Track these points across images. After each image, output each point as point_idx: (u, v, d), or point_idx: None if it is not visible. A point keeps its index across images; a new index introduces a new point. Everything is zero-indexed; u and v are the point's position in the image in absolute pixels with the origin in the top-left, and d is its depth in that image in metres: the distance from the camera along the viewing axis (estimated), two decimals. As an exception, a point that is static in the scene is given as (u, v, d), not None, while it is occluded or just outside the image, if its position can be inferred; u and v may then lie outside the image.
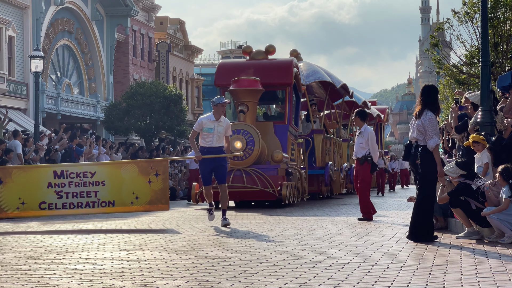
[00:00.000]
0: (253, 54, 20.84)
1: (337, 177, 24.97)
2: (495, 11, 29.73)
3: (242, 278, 6.17)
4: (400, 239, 9.72)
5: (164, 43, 53.39)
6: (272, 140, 19.50)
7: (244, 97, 18.80)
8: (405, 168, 38.91)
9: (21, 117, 35.34)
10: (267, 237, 9.95)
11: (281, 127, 19.90)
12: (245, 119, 18.76)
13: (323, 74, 23.94)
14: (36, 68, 27.17)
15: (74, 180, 12.65)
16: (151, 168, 12.66)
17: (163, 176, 12.65)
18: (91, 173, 12.72)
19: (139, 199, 12.62)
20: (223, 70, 20.54)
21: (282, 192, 18.39)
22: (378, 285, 5.79)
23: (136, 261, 7.45)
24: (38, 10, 37.80)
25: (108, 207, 12.74)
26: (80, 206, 12.65)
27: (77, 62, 43.89)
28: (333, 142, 25.89)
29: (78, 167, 13.34)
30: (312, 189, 23.24)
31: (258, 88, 18.89)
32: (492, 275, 6.32)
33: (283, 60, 21.03)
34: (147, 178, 12.59)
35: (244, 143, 18.22)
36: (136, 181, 12.65)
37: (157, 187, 12.59)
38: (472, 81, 31.83)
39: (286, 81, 20.03)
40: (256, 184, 18.34)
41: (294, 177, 20.25)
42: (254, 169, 18.49)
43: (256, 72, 19.45)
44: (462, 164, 9.82)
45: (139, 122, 38.65)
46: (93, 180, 12.67)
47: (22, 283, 6.12)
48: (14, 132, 21.92)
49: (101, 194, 12.66)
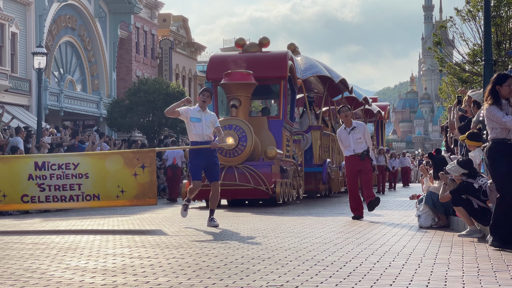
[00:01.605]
0: (247, 46, 20.19)
1: (335, 175, 24.32)
2: (498, 10, 29.72)
3: (244, 275, 6.18)
4: (402, 237, 9.72)
5: (167, 40, 53.37)
6: (266, 136, 18.88)
7: (236, 91, 18.06)
8: (406, 166, 38.60)
9: (23, 114, 35.36)
10: (269, 235, 9.96)
11: (276, 123, 19.27)
12: (237, 114, 18.06)
13: (321, 68, 23.24)
14: (39, 65, 27.16)
15: (56, 172, 11.87)
16: (137, 159, 11.81)
17: (150, 168, 11.79)
18: (74, 165, 11.92)
19: (125, 193, 11.83)
20: (215, 63, 19.82)
21: (276, 190, 17.79)
22: (380, 283, 5.79)
23: (138, 258, 7.46)
24: (41, 7, 37.82)
25: (93, 201, 11.96)
26: (63, 199, 11.92)
27: (80, 59, 43.90)
28: (331, 139, 25.28)
29: (60, 158, 12.45)
30: (309, 187, 22.72)
31: (251, 81, 18.22)
32: (494, 273, 6.32)
33: (277, 53, 20.25)
34: (132, 171, 11.77)
35: (236, 139, 17.49)
36: (121, 174, 11.85)
37: (143, 180, 11.76)
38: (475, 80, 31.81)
39: (280, 74, 19.32)
40: (248, 181, 17.66)
41: (289, 174, 19.63)
42: (246, 166, 17.82)
43: (249, 65, 18.80)
44: (463, 163, 9.82)
45: (142, 119, 38.67)
46: (76, 172, 11.87)
47: (24, 279, 6.12)
48: (16, 129, 21.95)
49: (85, 187, 11.87)
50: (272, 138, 18.91)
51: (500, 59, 28.23)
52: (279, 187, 17.86)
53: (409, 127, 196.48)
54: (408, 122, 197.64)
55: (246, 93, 18.30)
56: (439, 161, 11.65)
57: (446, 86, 45.77)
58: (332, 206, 18.11)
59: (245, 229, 11.02)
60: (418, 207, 11.92)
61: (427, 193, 11.74)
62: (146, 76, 47.94)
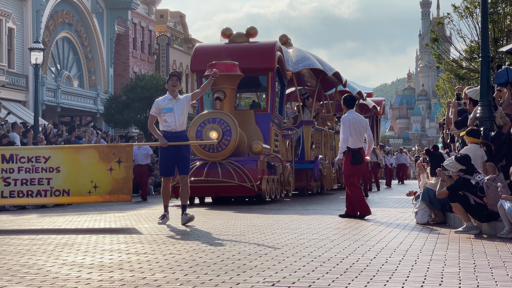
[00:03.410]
0: (233, 37, 19.23)
1: (328, 172, 23.14)
2: (496, 6, 29.79)
3: (240, 272, 6.18)
4: (398, 233, 9.73)
5: (164, 36, 53.33)
6: (253, 130, 17.97)
7: (221, 83, 16.81)
8: (402, 163, 37.89)
9: (20, 109, 35.33)
10: (266, 231, 9.96)
11: (263, 116, 18.36)
12: (222, 107, 17.08)
13: (313, 61, 22.18)
14: (36, 60, 27.13)
15: (24, 166, 11.23)
16: (113, 154, 11.22)
17: (127, 163, 11.20)
18: (44, 158, 11.28)
19: (98, 189, 11.19)
20: (200, 54, 18.77)
21: (262, 186, 16.83)
22: (376, 279, 5.80)
23: (135, 254, 7.46)
24: (38, 2, 37.78)
25: (63, 197, 11.35)
26: (30, 195, 11.26)
27: (77, 55, 43.86)
28: (324, 134, 24.38)
29: (30, 150, 11.80)
30: (300, 184, 21.79)
31: (236, 73, 17.27)
32: (490, 270, 6.33)
33: (265, 43, 19.19)
34: (108, 166, 11.17)
35: (220, 133, 16.55)
36: (95, 168, 11.22)
37: (119, 176, 11.16)
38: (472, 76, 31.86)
39: (268, 65, 18.32)
40: (232, 178, 16.60)
41: (277, 170, 18.67)
42: (230, 162, 16.78)
43: (236, 56, 17.80)
44: (461, 159, 9.83)
45: (138, 115, 38.67)
46: (46, 165, 11.24)
47: (21, 275, 6.12)
48: (13, 124, 21.93)
49: (54, 182, 11.25)
50: (259, 133, 18.04)
51: (497, 55, 28.26)
52: (265, 184, 16.94)
53: (406, 123, 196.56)
54: (405, 118, 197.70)
55: (232, 85, 17.35)
56: (436, 158, 11.66)
57: (443, 82, 45.80)
58: (328, 203, 18.08)
59: (241, 226, 11.02)
60: (414, 204, 11.93)
61: (423, 190, 11.75)
62: (143, 72, 47.92)
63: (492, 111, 11.91)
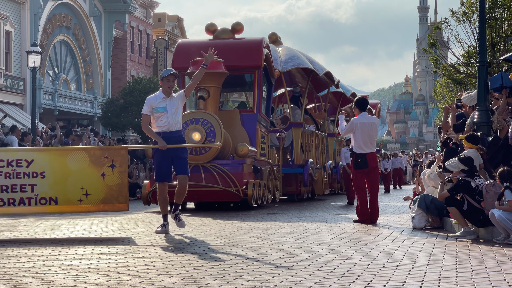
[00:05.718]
0: (218, 32, 18.14)
1: (319, 177, 21.84)
2: (493, 11, 29.81)
3: (237, 276, 6.17)
4: (395, 238, 9.72)
5: (162, 40, 53.36)
6: (239, 131, 17.06)
7: (204, 82, 15.41)
8: (398, 167, 37.23)
9: (18, 113, 35.32)
10: (263, 235, 9.95)
11: (249, 117, 17.45)
12: (205, 107, 16.12)
13: (303, 60, 21.07)
14: (33, 64, 27.13)
15: (4, 170, 9.96)
16: (106, 158, 10.05)
17: (121, 168, 10.08)
18: (27, 162, 10.01)
19: (89, 196, 10.04)
20: (182, 51, 17.77)
21: (248, 192, 15.83)
22: (373, 283, 5.80)
23: (131, 258, 7.45)
24: (36, 5, 37.78)
25: (50, 206, 10.05)
26: (12, 203, 9.98)
27: (75, 58, 43.87)
28: (315, 137, 23.17)
29: (11, 153, 10.34)
30: (289, 189, 20.58)
31: (220, 70, 16.36)
32: (488, 275, 6.33)
33: (251, 40, 18.13)
34: (100, 170, 10.03)
35: (203, 134, 15.58)
36: (86, 174, 10.04)
37: (112, 182, 10.04)
38: (469, 81, 31.88)
39: (254, 63, 17.39)
40: (216, 182, 15.67)
41: (264, 174, 17.70)
42: (214, 165, 15.86)
43: (220, 53, 15.92)
44: (464, 160, 9.87)
45: (136, 118, 38.62)
46: (29, 170, 9.99)
47: (18, 278, 6.11)
48: (11, 128, 21.92)
49: (39, 189, 10.01)
50: (245, 134, 17.12)
51: (494, 61, 28.30)
52: (251, 189, 15.94)
53: (404, 128, 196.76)
54: (403, 123, 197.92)
55: (216, 83, 16.42)
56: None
57: (441, 87, 45.86)
58: (318, 209, 18.06)
59: (239, 229, 11.01)
60: (412, 208, 11.93)
61: (420, 197, 11.72)
62: (141, 75, 47.94)
63: (489, 116, 11.93)
